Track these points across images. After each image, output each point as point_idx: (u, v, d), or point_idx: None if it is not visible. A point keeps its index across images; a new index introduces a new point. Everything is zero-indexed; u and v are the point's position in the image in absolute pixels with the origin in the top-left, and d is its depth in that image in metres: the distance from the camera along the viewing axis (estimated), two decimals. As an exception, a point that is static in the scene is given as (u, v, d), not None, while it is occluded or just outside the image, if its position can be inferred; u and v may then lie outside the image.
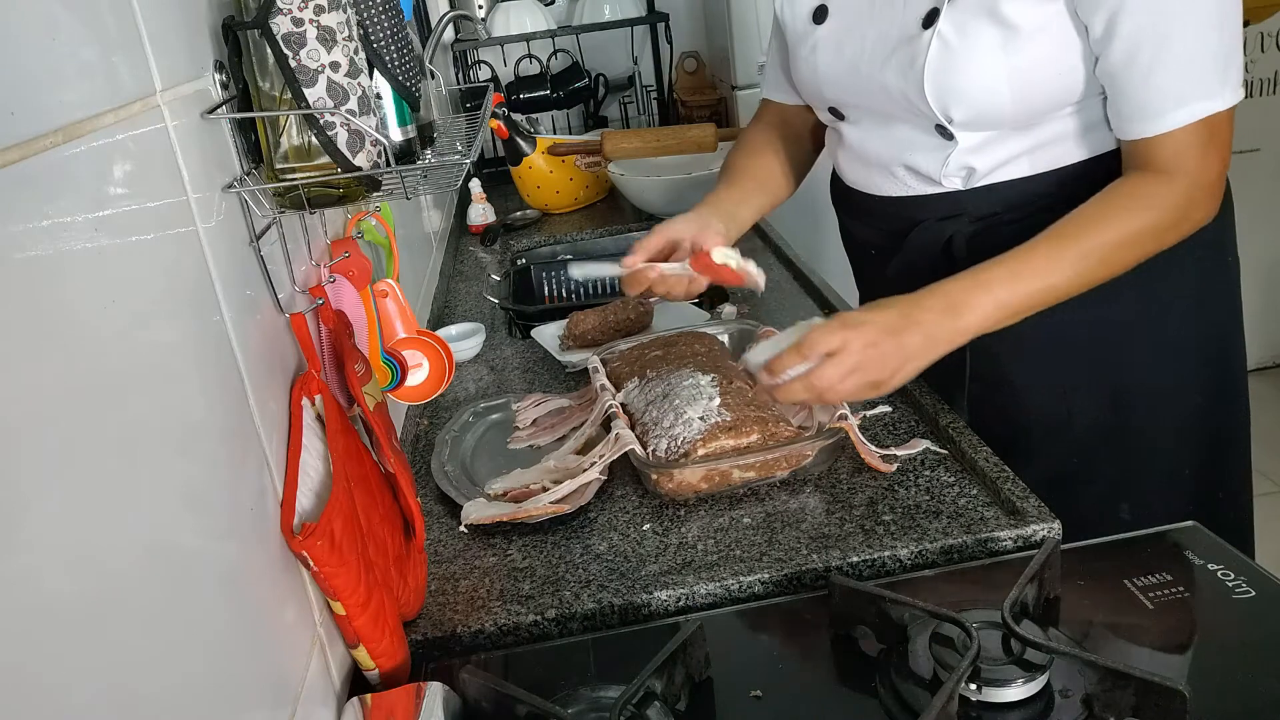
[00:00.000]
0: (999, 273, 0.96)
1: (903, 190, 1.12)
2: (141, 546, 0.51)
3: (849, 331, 0.93)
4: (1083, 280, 0.97)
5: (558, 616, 0.89)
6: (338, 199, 0.80)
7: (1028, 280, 0.95)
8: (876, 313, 0.96)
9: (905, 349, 0.94)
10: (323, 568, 0.70)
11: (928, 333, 0.94)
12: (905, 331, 0.94)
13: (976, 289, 0.95)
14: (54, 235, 0.47)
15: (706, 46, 3.00)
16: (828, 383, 0.93)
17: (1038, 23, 0.95)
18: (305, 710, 0.70)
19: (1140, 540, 0.90)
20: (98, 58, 0.56)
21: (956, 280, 0.96)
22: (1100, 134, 1.03)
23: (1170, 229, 0.98)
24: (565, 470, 1.07)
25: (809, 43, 1.14)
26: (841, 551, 0.92)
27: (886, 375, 0.94)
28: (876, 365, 0.93)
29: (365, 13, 0.82)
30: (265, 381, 0.73)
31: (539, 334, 1.50)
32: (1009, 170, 1.05)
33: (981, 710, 0.70)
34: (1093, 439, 1.12)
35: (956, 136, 1.03)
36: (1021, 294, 0.95)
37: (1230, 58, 0.94)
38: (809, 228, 2.35)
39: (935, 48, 0.99)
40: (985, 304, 0.95)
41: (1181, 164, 0.95)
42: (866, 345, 0.93)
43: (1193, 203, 0.97)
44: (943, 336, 0.95)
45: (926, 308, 0.95)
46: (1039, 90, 0.99)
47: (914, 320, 0.94)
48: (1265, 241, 2.91)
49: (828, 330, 0.94)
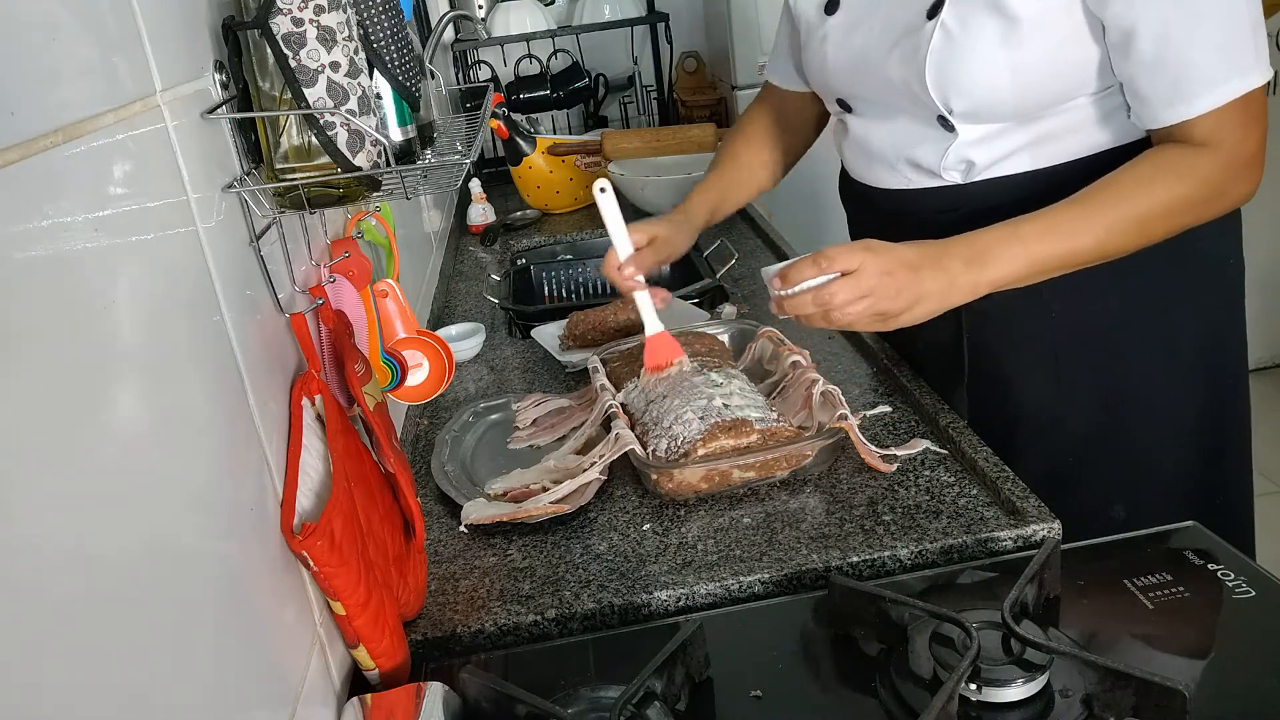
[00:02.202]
0: (1034, 227, 0.95)
1: (903, 183, 1.13)
2: (141, 546, 0.51)
3: (869, 255, 0.93)
4: (1115, 245, 0.96)
5: (558, 616, 0.89)
6: (338, 199, 0.80)
7: (1060, 239, 0.95)
8: (903, 246, 0.96)
9: (920, 286, 0.94)
10: (323, 568, 0.70)
11: (949, 278, 0.94)
12: (925, 269, 0.94)
13: (1011, 240, 0.95)
14: (54, 235, 0.47)
15: (706, 46, 3.00)
16: (838, 301, 0.93)
17: (1041, 16, 0.95)
18: (305, 710, 0.70)
19: (1140, 540, 0.90)
20: (98, 58, 0.56)
21: (990, 231, 0.96)
22: (1102, 130, 1.02)
23: (1207, 202, 0.97)
24: (565, 470, 1.07)
25: (819, 33, 1.15)
26: (841, 551, 0.92)
27: (897, 309, 0.94)
28: (889, 296, 0.93)
29: (365, 13, 0.82)
30: (265, 381, 0.73)
31: (539, 334, 1.50)
32: (1009, 165, 1.05)
33: (981, 710, 0.70)
34: (1086, 439, 1.12)
35: (957, 129, 1.04)
36: (1052, 252, 0.95)
37: (1258, 31, 0.94)
38: (812, 224, 2.35)
39: (938, 38, 0.99)
40: (1016, 257, 0.95)
41: (1221, 138, 0.95)
42: (882, 272, 0.93)
43: (1231, 177, 0.96)
44: (964, 284, 0.95)
45: (954, 254, 0.95)
46: (1040, 84, 0.99)
47: (937, 262, 0.94)
48: (1266, 242, 2.90)
49: (848, 249, 0.94)
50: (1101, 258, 0.97)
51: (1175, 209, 0.96)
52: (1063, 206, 0.96)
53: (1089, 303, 1.07)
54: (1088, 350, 1.10)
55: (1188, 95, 0.94)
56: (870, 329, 0.98)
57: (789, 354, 1.19)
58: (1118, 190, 0.95)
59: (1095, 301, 1.07)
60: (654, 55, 2.88)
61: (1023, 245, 0.95)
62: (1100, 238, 0.95)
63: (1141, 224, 0.95)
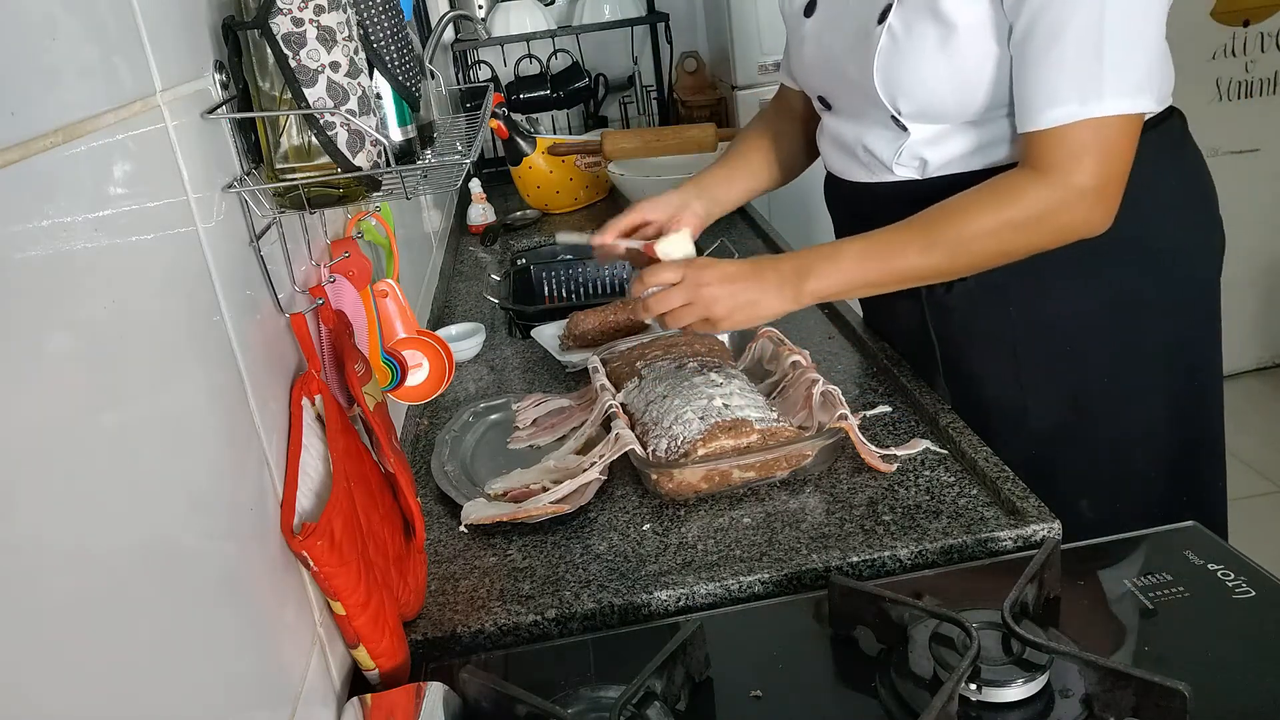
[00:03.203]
0: (853, 249, 1.03)
1: (866, 176, 1.16)
2: (141, 546, 0.51)
3: (689, 270, 1.05)
4: (935, 267, 1.01)
5: (558, 616, 0.89)
6: (338, 199, 0.80)
7: (875, 260, 1.02)
8: (728, 262, 1.06)
9: (737, 296, 1.03)
10: (323, 568, 0.70)
11: (771, 288, 1.03)
12: (743, 281, 1.03)
13: (829, 258, 1.04)
14: (54, 235, 0.47)
15: (706, 46, 3.00)
16: (662, 308, 1.05)
17: (974, 22, 0.97)
18: (305, 710, 0.70)
19: (1140, 540, 0.90)
20: (98, 58, 0.56)
21: (819, 248, 1.05)
22: None
23: (1033, 226, 0.98)
24: (565, 470, 1.07)
25: (799, 34, 1.19)
26: (841, 551, 0.92)
27: (718, 315, 1.04)
28: (707, 303, 1.03)
29: (365, 13, 0.82)
30: (265, 381, 0.73)
31: (539, 334, 1.50)
32: (960, 164, 1.07)
33: (981, 710, 0.70)
34: (1051, 435, 1.13)
35: (909, 128, 1.06)
36: (867, 271, 1.02)
37: (1125, 62, 0.92)
38: (802, 223, 2.36)
39: (885, 42, 1.03)
40: (830, 274, 1.03)
41: (1053, 162, 0.95)
42: (699, 285, 1.03)
43: (1064, 205, 0.96)
44: (785, 294, 1.04)
45: (777, 268, 1.05)
46: (979, 87, 1.00)
47: (758, 275, 1.04)
48: (1265, 241, 2.90)
49: (671, 265, 1.06)
50: (931, 277, 1.04)
51: (996, 232, 0.98)
52: (890, 229, 1.02)
53: (1050, 302, 1.09)
54: (1048, 348, 1.11)
55: (1031, 108, 0.96)
56: (702, 330, 1.06)
57: (789, 354, 1.19)
58: (942, 214, 1.00)
59: (1055, 301, 1.09)
60: (654, 55, 2.88)
61: (834, 264, 1.03)
62: (914, 261, 1.01)
63: (960, 246, 0.99)
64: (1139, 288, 1.09)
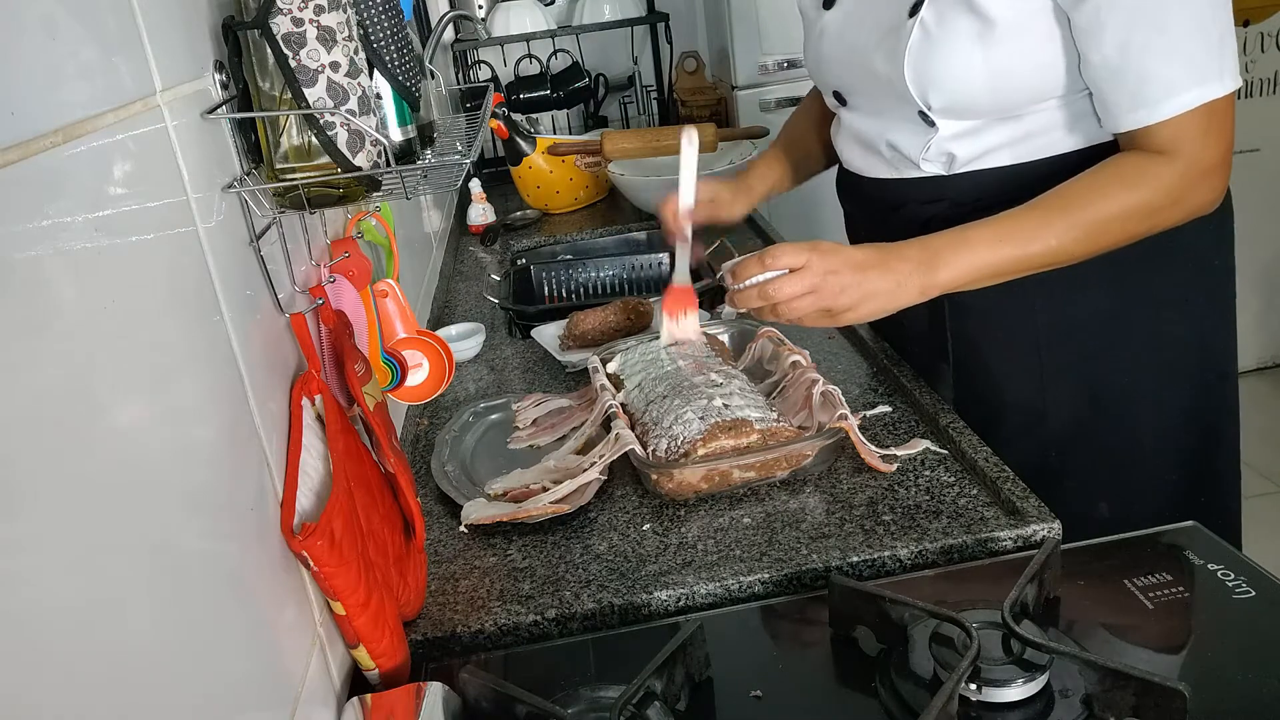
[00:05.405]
0: (984, 234, 0.98)
1: (890, 172, 1.14)
2: (140, 546, 0.51)
3: (814, 254, 0.96)
4: (1068, 252, 0.98)
5: (558, 616, 0.89)
6: (338, 199, 0.80)
7: (1010, 245, 0.97)
8: (852, 248, 0.99)
9: (865, 286, 0.96)
10: (323, 568, 0.70)
11: (897, 279, 0.97)
12: (872, 270, 0.97)
13: (959, 246, 0.97)
14: (54, 235, 0.47)
15: (706, 46, 3.00)
16: (782, 296, 0.97)
17: (1016, 18, 0.96)
18: (305, 710, 0.70)
19: (1140, 540, 0.90)
20: (98, 58, 0.56)
21: (942, 235, 0.99)
22: (1084, 127, 1.03)
23: (1164, 209, 0.98)
24: (565, 470, 1.07)
25: (817, 28, 1.18)
26: (841, 551, 0.92)
27: (842, 306, 0.97)
28: (833, 293, 0.96)
29: (365, 13, 0.82)
30: (265, 381, 0.73)
31: (539, 334, 1.50)
32: (989, 159, 1.06)
33: (981, 710, 0.70)
34: (1069, 434, 1.13)
35: (937, 123, 1.05)
36: (1002, 258, 0.97)
37: (1225, 42, 0.94)
38: (804, 223, 2.36)
39: (917, 35, 1.01)
40: (963, 262, 0.97)
41: (1180, 146, 0.95)
42: (828, 271, 0.96)
43: (1190, 185, 0.97)
44: (913, 285, 0.97)
45: (904, 256, 0.98)
46: (1015, 83, 1.00)
47: (886, 263, 0.97)
48: (1265, 241, 2.90)
49: (795, 247, 0.97)
50: (1058, 262, 0.99)
51: (1130, 215, 0.97)
52: (1017, 213, 0.98)
53: (1074, 300, 1.08)
54: (1073, 346, 1.11)
55: (1147, 102, 0.95)
56: (818, 324, 1.00)
57: (789, 354, 1.19)
58: (1073, 196, 0.97)
59: (1081, 299, 1.08)
60: (654, 55, 2.88)
61: (970, 251, 0.97)
62: (1051, 244, 0.97)
63: (1095, 230, 0.97)
64: (1159, 284, 1.08)
